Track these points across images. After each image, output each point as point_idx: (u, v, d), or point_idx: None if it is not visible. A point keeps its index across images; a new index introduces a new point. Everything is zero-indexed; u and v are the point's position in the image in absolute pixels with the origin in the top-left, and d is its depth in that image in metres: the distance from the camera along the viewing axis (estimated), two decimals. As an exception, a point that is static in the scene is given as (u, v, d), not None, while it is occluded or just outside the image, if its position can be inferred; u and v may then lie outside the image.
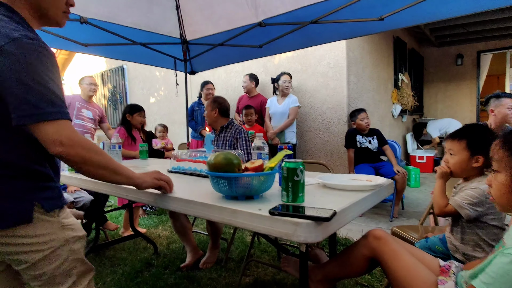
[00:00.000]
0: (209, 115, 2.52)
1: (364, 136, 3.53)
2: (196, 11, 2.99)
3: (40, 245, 0.92)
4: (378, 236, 1.15)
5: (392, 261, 1.10)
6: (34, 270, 0.93)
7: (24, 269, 0.93)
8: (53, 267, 0.95)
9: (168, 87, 6.02)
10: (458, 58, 6.94)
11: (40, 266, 0.93)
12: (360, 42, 4.24)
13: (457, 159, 1.35)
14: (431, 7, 2.13)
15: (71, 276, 1.00)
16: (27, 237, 0.90)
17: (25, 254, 0.91)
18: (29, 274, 0.94)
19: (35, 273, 0.94)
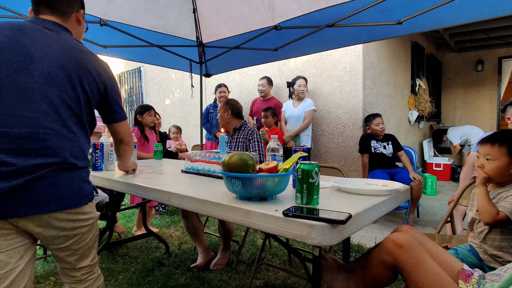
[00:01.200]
0: (222, 116, 2.53)
1: (379, 141, 3.47)
2: (212, 14, 3.02)
3: (87, 221, 1.14)
4: (399, 243, 1.04)
5: (415, 272, 0.99)
6: (77, 244, 1.13)
7: (69, 245, 1.11)
8: (87, 241, 1.17)
9: (183, 89, 6.10)
10: (478, 64, 6.76)
11: (82, 240, 1.14)
12: (376, 47, 4.19)
13: (497, 164, 1.31)
14: (451, 11, 2.08)
15: (94, 249, 1.22)
16: (83, 214, 1.12)
17: (78, 229, 1.11)
18: (72, 249, 1.13)
19: (77, 246, 1.14)
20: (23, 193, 0.97)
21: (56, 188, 1.02)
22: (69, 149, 1.06)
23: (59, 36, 1.10)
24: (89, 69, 1.12)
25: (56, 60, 1.05)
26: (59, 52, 1.06)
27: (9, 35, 1.02)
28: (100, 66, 1.18)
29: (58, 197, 1.02)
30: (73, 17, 1.20)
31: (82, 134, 1.13)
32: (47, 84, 1.03)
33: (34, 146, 0.99)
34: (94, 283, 1.23)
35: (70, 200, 1.05)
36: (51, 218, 1.03)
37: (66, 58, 1.07)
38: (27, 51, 1.02)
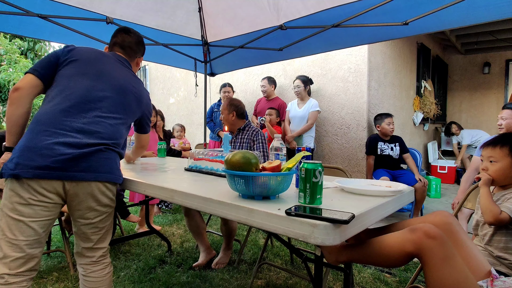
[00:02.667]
0: (227, 118, 2.52)
1: (386, 142, 3.48)
2: (218, 13, 3.03)
3: (113, 202, 1.38)
4: (432, 235, 0.98)
5: (441, 268, 0.97)
6: (103, 222, 1.36)
7: (97, 222, 1.34)
8: (109, 222, 1.40)
9: (187, 88, 6.12)
10: (485, 67, 6.70)
11: (106, 219, 1.37)
12: (382, 47, 4.17)
13: (499, 166, 1.35)
14: (459, 12, 2.06)
15: (109, 234, 1.42)
16: (113, 194, 1.37)
17: (107, 207, 1.35)
18: (97, 226, 1.34)
19: (102, 225, 1.36)
20: (83, 162, 1.23)
21: (107, 162, 1.31)
22: (117, 139, 1.37)
23: (126, 66, 1.54)
24: (140, 95, 1.53)
25: (122, 79, 1.45)
26: (124, 75, 1.48)
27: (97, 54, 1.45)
28: (145, 94, 1.59)
29: (104, 170, 1.29)
30: (135, 60, 1.63)
31: (124, 133, 1.45)
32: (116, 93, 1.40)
33: (96, 130, 1.30)
34: (106, 268, 1.38)
35: (112, 175, 1.33)
36: (96, 188, 1.28)
37: (127, 81, 1.47)
38: (107, 68, 1.43)
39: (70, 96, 1.30)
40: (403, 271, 2.24)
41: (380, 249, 1.07)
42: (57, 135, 1.22)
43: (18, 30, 2.70)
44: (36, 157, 1.17)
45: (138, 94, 1.50)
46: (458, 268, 0.96)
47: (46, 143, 1.19)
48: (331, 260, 1.17)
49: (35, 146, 1.19)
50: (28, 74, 1.33)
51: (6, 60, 7.67)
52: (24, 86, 1.30)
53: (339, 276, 2.19)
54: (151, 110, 1.66)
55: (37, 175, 1.17)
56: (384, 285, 2.06)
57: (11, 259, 1.16)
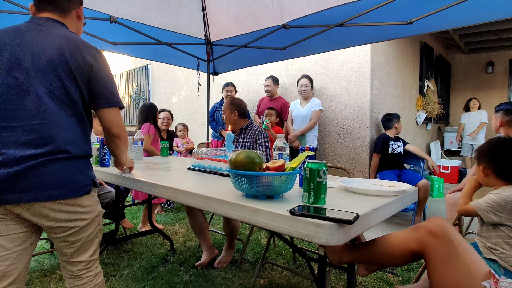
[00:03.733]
0: (229, 118, 2.52)
1: (395, 141, 3.61)
2: (221, 12, 3.02)
3: (85, 214, 1.15)
4: (436, 233, 0.99)
5: (445, 265, 0.97)
6: (73, 236, 1.14)
7: (65, 236, 1.13)
8: (87, 234, 1.18)
9: (190, 87, 6.12)
10: (488, 66, 6.67)
11: (80, 233, 1.15)
12: (385, 47, 4.15)
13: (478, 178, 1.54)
14: (463, 11, 2.05)
15: (94, 244, 1.23)
16: (81, 207, 1.13)
17: (75, 221, 1.12)
18: (69, 240, 1.14)
19: (73, 239, 1.15)
20: (16, 181, 1.02)
21: (47, 178, 1.05)
22: (62, 137, 1.09)
23: (50, 31, 1.14)
24: (74, 54, 1.12)
25: (44, 55, 1.09)
26: (47, 47, 1.10)
27: (4, 40, 1.10)
28: (85, 49, 1.15)
29: (48, 187, 1.05)
30: (73, 13, 1.25)
31: (76, 123, 1.14)
32: (37, 78, 1.08)
33: (28, 137, 1.05)
34: (92, 281, 1.21)
35: (62, 190, 1.07)
36: (44, 208, 1.06)
37: (53, 51, 1.10)
38: (21, 51, 1.09)
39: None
40: (406, 271, 2.24)
41: (384, 248, 1.07)
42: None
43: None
44: None
45: (65, 58, 1.10)
46: (461, 266, 0.96)
47: None
48: (334, 260, 1.17)
49: None
50: None
51: None
52: None
53: (341, 275, 2.19)
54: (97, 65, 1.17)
55: None
56: (386, 285, 2.05)
57: None
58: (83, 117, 1.17)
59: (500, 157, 1.40)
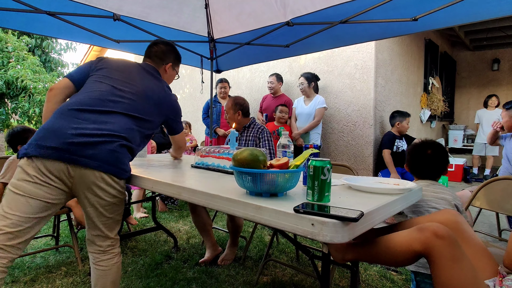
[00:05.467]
0: (232, 117, 2.51)
1: (400, 139, 3.64)
2: (224, 9, 3.01)
3: (121, 194, 1.42)
4: (441, 235, 0.96)
5: (450, 268, 0.95)
6: (109, 212, 1.40)
7: (104, 210, 1.38)
8: (118, 212, 1.44)
9: (193, 85, 6.12)
10: (494, 63, 6.60)
11: (114, 209, 1.41)
12: (389, 44, 4.12)
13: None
14: (469, 8, 2.03)
15: (118, 225, 1.48)
16: (121, 187, 1.41)
17: (114, 197, 1.39)
18: (104, 215, 1.39)
19: (109, 215, 1.41)
20: (88, 149, 1.28)
21: (114, 155, 1.34)
22: (129, 136, 1.42)
23: (152, 74, 1.67)
24: (160, 99, 1.61)
25: (144, 85, 1.56)
26: (148, 82, 1.61)
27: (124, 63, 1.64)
28: (167, 98, 1.67)
29: (110, 162, 1.32)
30: (162, 67, 1.78)
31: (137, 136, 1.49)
32: (136, 97, 1.51)
33: (109, 124, 1.37)
34: (114, 258, 1.45)
35: (117, 168, 1.35)
36: (99, 177, 1.31)
37: (149, 87, 1.59)
38: (132, 75, 1.58)
39: (92, 93, 1.43)
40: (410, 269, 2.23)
41: (388, 248, 1.07)
42: (73, 123, 1.30)
43: (26, 27, 2.72)
44: (48, 138, 1.26)
45: (158, 99, 1.60)
46: (466, 269, 0.95)
47: (60, 126, 1.28)
48: (337, 258, 1.16)
49: (50, 127, 1.29)
50: (64, 78, 1.54)
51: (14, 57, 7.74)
52: (58, 86, 1.51)
53: (345, 273, 2.18)
54: (177, 112, 1.75)
55: (42, 154, 1.24)
56: (390, 283, 2.05)
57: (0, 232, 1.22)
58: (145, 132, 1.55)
59: (411, 157, 1.66)
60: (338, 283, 2.06)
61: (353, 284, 1.41)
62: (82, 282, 2.04)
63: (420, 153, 1.61)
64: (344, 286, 2.03)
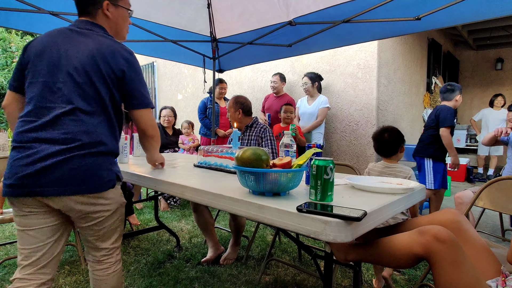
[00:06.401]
0: (233, 116, 2.51)
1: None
2: (227, 9, 3.02)
3: (109, 205, 1.23)
4: (442, 238, 0.96)
5: (451, 271, 0.94)
6: (98, 225, 1.24)
7: (91, 225, 1.22)
8: (110, 223, 1.27)
9: (195, 84, 6.13)
10: (497, 62, 6.57)
11: (103, 222, 1.24)
12: (392, 43, 4.11)
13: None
14: (473, 7, 2.02)
15: (116, 233, 1.33)
16: (106, 199, 1.21)
17: (99, 213, 1.21)
18: (94, 229, 1.24)
19: (98, 228, 1.24)
20: (45, 175, 1.09)
21: (75, 173, 1.12)
22: (90, 135, 1.16)
23: (87, 34, 1.23)
24: (106, 60, 1.19)
25: (78, 59, 1.18)
26: (83, 46, 1.19)
27: (44, 42, 1.21)
28: (118, 53, 1.23)
29: (75, 182, 1.12)
30: (99, 13, 1.29)
31: (105, 122, 1.21)
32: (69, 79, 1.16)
33: (57, 134, 1.12)
34: (111, 267, 1.32)
35: (88, 185, 1.14)
36: (71, 201, 1.14)
37: (87, 56, 1.18)
38: (58, 53, 1.19)
39: (29, 104, 1.16)
40: (412, 270, 2.23)
41: (389, 250, 1.07)
42: (19, 150, 1.12)
43: (29, 27, 2.73)
44: (7, 175, 1.13)
45: (102, 59, 1.18)
46: (468, 272, 0.94)
47: (12, 158, 1.13)
48: (340, 257, 1.17)
49: (8, 161, 1.15)
50: (7, 90, 1.31)
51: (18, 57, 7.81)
52: (6, 104, 1.29)
53: (347, 273, 2.18)
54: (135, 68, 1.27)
55: (7, 194, 1.13)
56: (393, 283, 2.04)
57: (21, 267, 1.18)
58: (111, 117, 1.24)
59: (376, 140, 1.96)
60: (341, 282, 2.06)
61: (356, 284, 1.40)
62: (85, 281, 2.05)
63: (380, 136, 1.94)
64: (346, 286, 2.03)
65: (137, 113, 1.30)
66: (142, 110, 1.30)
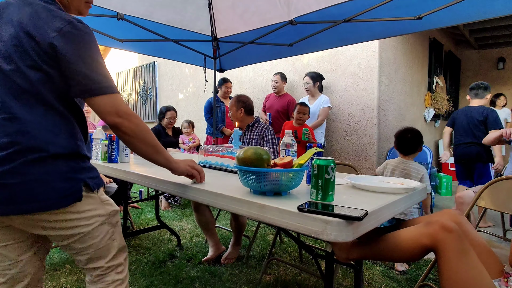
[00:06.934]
0: (235, 115, 2.51)
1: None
2: (228, 8, 3.01)
3: (86, 219, 0.98)
4: (449, 228, 0.98)
5: (457, 261, 0.96)
6: (80, 243, 1.00)
7: (70, 243, 0.99)
8: (97, 240, 1.02)
9: (196, 84, 6.13)
10: (499, 62, 6.54)
11: (87, 240, 1.00)
12: (393, 43, 4.10)
13: None
14: (475, 6, 2.01)
15: (112, 249, 1.08)
16: (75, 213, 0.96)
17: (72, 229, 0.97)
18: (75, 248, 1.01)
19: (81, 246, 1.01)
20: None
21: (20, 188, 0.86)
22: (30, 134, 0.88)
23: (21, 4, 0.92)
24: (30, 32, 0.88)
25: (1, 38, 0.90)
26: (6, 28, 0.91)
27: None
28: (46, 24, 0.88)
29: (25, 199, 0.87)
30: None
31: (51, 117, 0.92)
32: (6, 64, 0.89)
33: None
34: (109, 286, 1.08)
35: (42, 202, 0.89)
36: (30, 220, 0.92)
37: (11, 30, 0.90)
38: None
39: None
40: (414, 269, 2.23)
41: (395, 244, 1.08)
42: None
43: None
44: None
45: (25, 29, 0.88)
46: (473, 263, 0.96)
47: None
48: (341, 257, 1.16)
49: None
50: None
51: None
52: None
53: (348, 272, 2.18)
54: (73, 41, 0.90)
55: None
56: (393, 282, 2.04)
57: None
58: (57, 108, 0.93)
59: (398, 138, 2.23)
60: (342, 282, 2.06)
61: (357, 284, 1.40)
62: (86, 280, 2.06)
63: (403, 135, 2.21)
64: (347, 285, 2.03)
65: (89, 102, 0.94)
66: (93, 99, 0.93)
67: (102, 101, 0.94)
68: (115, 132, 1.00)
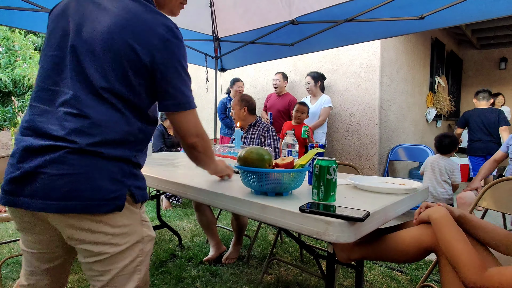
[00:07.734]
0: (238, 114, 2.51)
1: None
2: (229, 8, 3.02)
3: (118, 237, 0.84)
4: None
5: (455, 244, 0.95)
6: (102, 265, 0.85)
7: (91, 263, 0.84)
8: (121, 265, 0.86)
9: (197, 83, 6.13)
10: (501, 62, 6.52)
11: (110, 262, 0.85)
12: (395, 42, 4.09)
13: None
14: (477, 6, 2.01)
15: (132, 282, 0.88)
16: (111, 226, 0.82)
17: (101, 246, 0.82)
18: (93, 269, 0.85)
19: (102, 269, 0.85)
20: (28, 181, 0.78)
21: (62, 181, 0.76)
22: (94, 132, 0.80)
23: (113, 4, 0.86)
24: (126, 36, 0.82)
25: (96, 31, 0.84)
26: (103, 22, 0.84)
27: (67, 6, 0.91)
28: (149, 31, 0.84)
29: (62, 195, 0.77)
30: None
31: (120, 117, 0.84)
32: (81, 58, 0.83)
33: (51, 125, 0.79)
34: None
35: (81, 201, 0.77)
36: (60, 221, 0.81)
37: (106, 28, 0.83)
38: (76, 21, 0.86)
39: (37, 82, 0.88)
40: (415, 270, 2.22)
41: (396, 244, 1.07)
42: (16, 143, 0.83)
43: (32, 26, 2.75)
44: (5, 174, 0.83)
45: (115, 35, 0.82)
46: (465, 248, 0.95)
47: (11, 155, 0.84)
48: (343, 257, 1.16)
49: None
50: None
51: (21, 56, 7.83)
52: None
53: (349, 273, 2.18)
54: (174, 53, 0.87)
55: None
56: (395, 283, 2.04)
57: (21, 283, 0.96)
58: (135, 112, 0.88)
59: (438, 141, 2.75)
60: (343, 282, 2.06)
61: (358, 284, 1.40)
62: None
63: (442, 140, 2.73)
64: (348, 286, 2.03)
65: (172, 116, 0.93)
66: (179, 113, 0.92)
67: (186, 117, 0.94)
68: (187, 148, 1.01)
